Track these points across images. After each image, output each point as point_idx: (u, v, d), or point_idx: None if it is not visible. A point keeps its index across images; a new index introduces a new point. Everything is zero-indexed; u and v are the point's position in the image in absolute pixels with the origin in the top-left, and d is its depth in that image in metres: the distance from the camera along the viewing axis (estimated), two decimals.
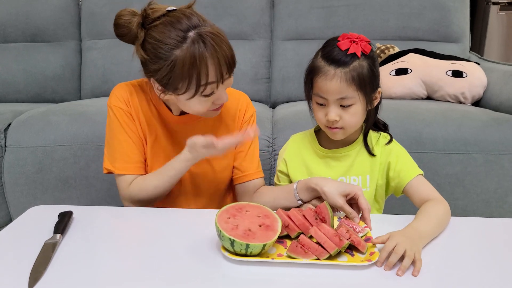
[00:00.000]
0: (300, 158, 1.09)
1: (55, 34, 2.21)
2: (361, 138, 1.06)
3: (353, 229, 0.83)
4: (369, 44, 0.96)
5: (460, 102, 1.86)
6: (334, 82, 0.93)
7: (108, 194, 1.57)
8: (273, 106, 2.15)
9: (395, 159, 1.04)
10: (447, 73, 1.86)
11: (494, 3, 2.61)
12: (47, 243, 0.81)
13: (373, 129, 1.08)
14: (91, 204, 1.57)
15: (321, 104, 0.98)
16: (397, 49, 2.03)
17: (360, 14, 2.11)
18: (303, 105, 1.52)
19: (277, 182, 1.13)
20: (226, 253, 0.77)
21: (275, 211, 0.85)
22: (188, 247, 0.82)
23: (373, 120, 1.06)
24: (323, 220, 0.84)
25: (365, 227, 0.85)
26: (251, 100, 2.06)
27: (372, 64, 0.97)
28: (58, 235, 0.83)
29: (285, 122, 1.62)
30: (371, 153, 1.04)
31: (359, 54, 0.94)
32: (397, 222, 0.88)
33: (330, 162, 1.06)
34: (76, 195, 1.58)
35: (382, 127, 1.09)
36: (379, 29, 2.12)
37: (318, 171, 1.06)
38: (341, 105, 0.96)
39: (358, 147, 1.06)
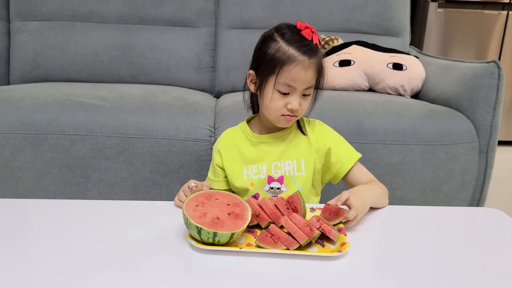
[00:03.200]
0: (234, 149, 1.08)
1: None
2: (294, 122, 1.07)
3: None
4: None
5: (400, 94, 1.91)
6: (309, 72, 0.94)
7: (37, 187, 1.46)
8: (217, 95, 2.10)
9: (335, 145, 1.05)
10: (388, 65, 1.90)
11: (433, 0, 2.71)
12: None
13: None
14: (17, 197, 1.45)
15: (284, 94, 0.96)
16: (341, 41, 2.05)
17: (306, 4, 2.11)
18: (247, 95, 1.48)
19: (212, 178, 1.11)
20: (193, 242, 0.74)
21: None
22: (152, 236, 0.78)
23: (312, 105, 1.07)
24: (294, 210, 0.83)
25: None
26: (195, 89, 2.02)
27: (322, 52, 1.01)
28: None
29: (227, 112, 1.58)
30: (303, 133, 1.05)
31: (319, 44, 0.96)
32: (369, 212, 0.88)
33: (264, 148, 1.06)
34: (0, 188, 1.46)
35: None
36: (323, 20, 2.13)
37: (253, 158, 1.06)
38: (303, 94, 0.97)
39: (292, 131, 1.06)
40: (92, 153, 1.44)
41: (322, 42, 2.05)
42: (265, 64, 0.96)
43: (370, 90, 1.98)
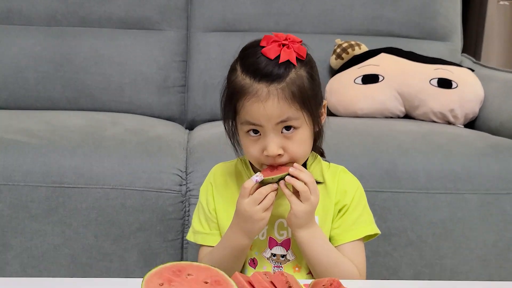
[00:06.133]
0: (228, 190, 1.10)
1: None
2: (307, 165, 1.08)
3: None
4: (302, 44, 0.99)
5: (449, 123, 1.96)
6: (270, 103, 0.95)
7: None
8: (190, 126, 2.14)
9: (352, 206, 1.08)
10: (431, 82, 1.96)
11: None
12: None
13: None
14: None
15: (254, 134, 0.99)
16: (364, 48, 2.11)
17: None
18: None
19: (203, 230, 1.11)
20: None
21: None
22: None
23: (321, 141, 1.10)
24: None
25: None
26: (158, 117, 2.05)
27: (312, 71, 1.01)
28: None
29: (205, 150, 1.62)
30: (318, 182, 1.05)
31: (294, 61, 0.97)
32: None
33: None
34: None
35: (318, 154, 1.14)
36: (340, 20, 2.19)
37: None
38: (282, 132, 0.98)
39: None
40: (13, 211, 1.47)
41: (339, 50, 2.10)
42: (227, 102, 1.01)
43: (407, 116, 2.04)
